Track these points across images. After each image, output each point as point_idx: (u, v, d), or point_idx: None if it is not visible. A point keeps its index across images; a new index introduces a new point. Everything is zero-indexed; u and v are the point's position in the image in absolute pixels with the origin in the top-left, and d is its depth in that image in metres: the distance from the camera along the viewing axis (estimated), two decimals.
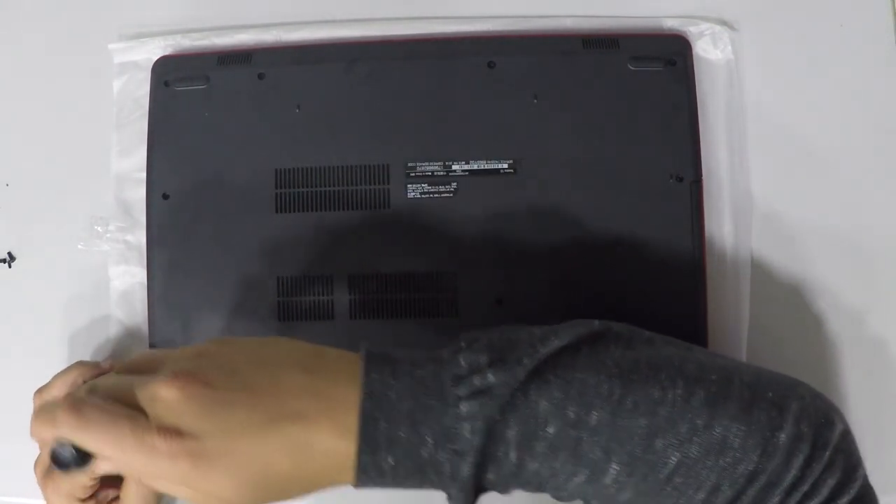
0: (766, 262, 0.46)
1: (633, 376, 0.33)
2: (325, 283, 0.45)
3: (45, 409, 0.34)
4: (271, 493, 0.33)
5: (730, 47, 0.46)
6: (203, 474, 0.32)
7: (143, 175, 0.46)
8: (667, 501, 0.33)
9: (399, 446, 0.32)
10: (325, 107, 0.46)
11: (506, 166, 0.45)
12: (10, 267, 0.48)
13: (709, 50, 0.47)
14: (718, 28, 0.46)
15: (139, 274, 0.46)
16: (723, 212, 0.45)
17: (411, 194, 0.45)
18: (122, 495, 0.38)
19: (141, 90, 0.48)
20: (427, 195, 0.45)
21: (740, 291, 0.45)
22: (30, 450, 0.39)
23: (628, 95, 0.45)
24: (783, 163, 0.46)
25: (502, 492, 0.35)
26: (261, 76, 0.46)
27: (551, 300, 0.44)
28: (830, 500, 0.33)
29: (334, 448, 0.32)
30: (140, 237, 0.47)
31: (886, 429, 0.45)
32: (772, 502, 0.33)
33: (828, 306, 0.45)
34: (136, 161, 0.47)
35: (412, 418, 0.32)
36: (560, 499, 0.35)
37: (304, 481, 0.33)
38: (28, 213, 0.49)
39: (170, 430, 0.31)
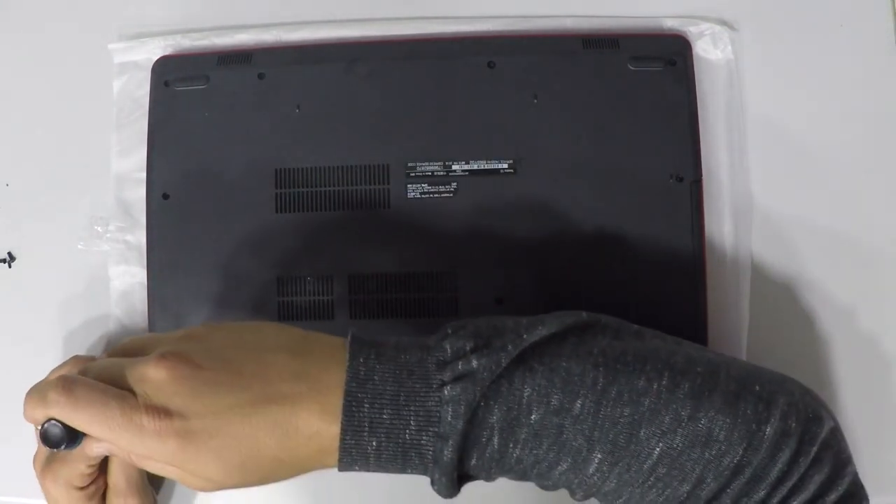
0: (766, 262, 0.46)
1: (618, 366, 0.34)
2: (325, 283, 0.45)
3: (36, 390, 0.35)
4: (258, 474, 0.33)
5: (730, 47, 0.46)
6: (190, 454, 0.32)
7: (143, 175, 0.46)
8: (651, 493, 0.33)
9: (382, 428, 0.32)
10: (325, 107, 0.46)
11: (506, 166, 0.45)
12: (10, 267, 0.48)
13: (709, 50, 0.47)
14: (718, 28, 0.46)
15: (139, 274, 0.46)
16: (723, 212, 0.45)
17: (411, 194, 0.45)
18: (108, 474, 0.38)
19: (141, 90, 0.48)
20: (427, 195, 0.45)
21: (740, 291, 0.45)
22: (30, 450, 0.39)
23: (628, 95, 0.45)
24: (783, 163, 0.46)
25: (486, 479, 0.35)
26: (261, 76, 0.46)
27: (551, 300, 0.44)
28: (818, 497, 0.33)
29: (319, 430, 0.32)
30: (140, 237, 0.47)
31: (886, 428, 0.45)
32: (757, 496, 0.32)
33: (827, 306, 0.45)
34: (136, 161, 0.47)
35: (396, 401, 0.32)
36: (545, 487, 0.35)
37: (290, 463, 0.33)
38: (28, 213, 0.49)
39: (158, 410, 0.32)
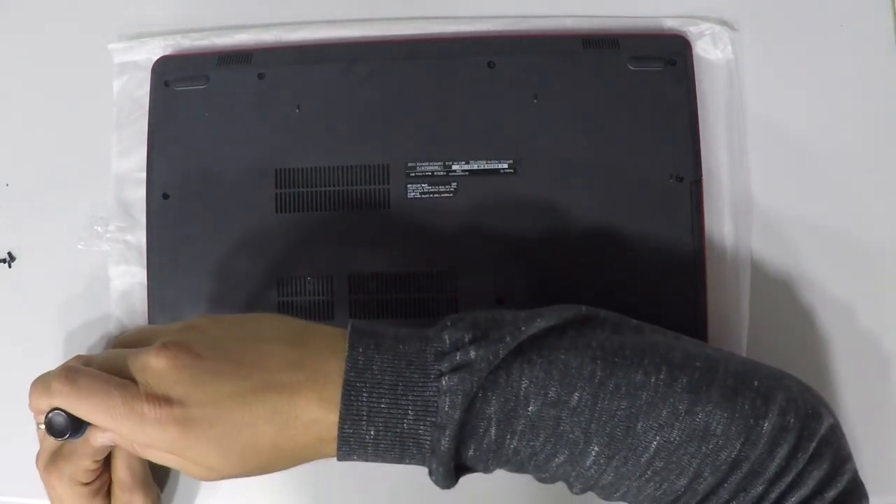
0: (765, 262, 0.46)
1: (616, 360, 0.34)
2: (325, 283, 0.45)
3: (41, 380, 0.35)
4: (257, 462, 0.34)
5: (730, 47, 0.46)
6: (190, 441, 0.32)
7: (143, 175, 0.46)
8: (649, 486, 0.33)
9: (380, 417, 0.33)
10: (325, 107, 0.46)
11: (506, 166, 0.45)
12: (10, 267, 0.48)
13: (709, 50, 0.47)
14: (718, 28, 0.46)
15: (139, 274, 0.46)
16: (723, 212, 0.45)
17: (411, 194, 0.45)
18: (112, 470, 0.38)
19: (141, 90, 0.48)
20: (427, 195, 0.45)
21: (740, 291, 0.45)
22: (30, 450, 0.39)
23: (628, 95, 0.45)
24: (783, 163, 0.46)
25: (484, 470, 0.35)
26: (261, 76, 0.46)
27: (551, 300, 0.43)
28: (817, 493, 0.33)
29: (318, 418, 0.33)
30: (140, 237, 0.47)
31: (886, 426, 0.45)
32: (755, 491, 0.33)
33: (827, 305, 0.45)
34: (136, 161, 0.47)
35: (394, 391, 0.33)
36: (542, 480, 0.36)
37: (289, 451, 0.34)
38: (28, 213, 0.49)
39: (158, 398, 0.32)
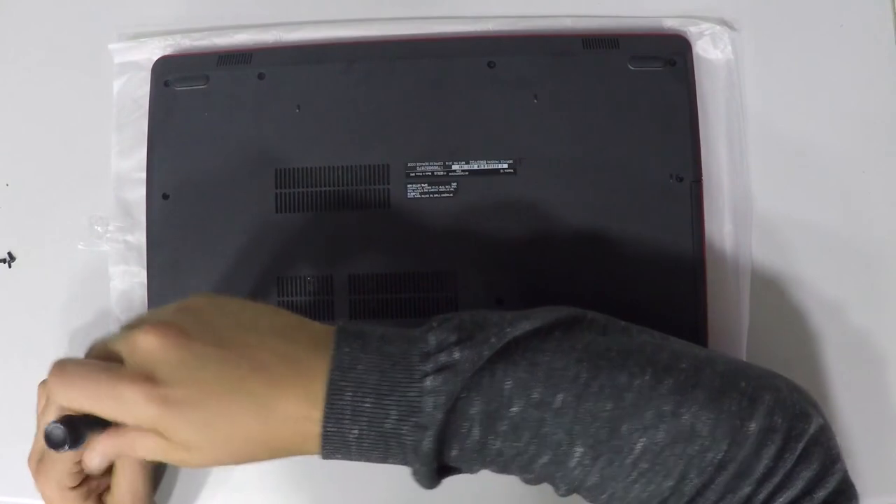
0: (765, 262, 0.46)
1: (601, 362, 0.34)
2: (325, 283, 0.45)
3: (42, 382, 0.36)
4: (236, 451, 0.34)
5: (730, 47, 0.46)
6: (171, 421, 0.33)
7: (143, 175, 0.46)
8: (635, 488, 0.33)
9: (364, 417, 0.33)
10: (325, 107, 0.46)
11: (506, 166, 0.45)
12: (10, 267, 0.48)
13: (709, 50, 0.47)
14: (718, 28, 0.46)
15: (139, 274, 0.46)
16: (723, 212, 0.45)
17: (411, 194, 0.45)
18: (112, 483, 0.38)
19: (141, 90, 0.48)
20: (427, 195, 0.45)
21: (740, 291, 0.45)
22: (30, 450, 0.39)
23: (628, 95, 0.45)
24: (783, 163, 0.46)
25: (468, 470, 0.35)
26: (261, 76, 0.46)
27: (551, 299, 0.44)
28: (806, 493, 0.33)
29: (301, 414, 0.33)
30: (140, 237, 0.47)
31: (886, 427, 0.45)
32: (742, 492, 0.32)
33: (827, 305, 0.45)
34: (136, 161, 0.47)
35: (378, 391, 0.33)
36: (528, 481, 0.36)
37: (269, 445, 0.34)
38: (28, 213, 0.49)
39: (143, 376, 0.33)
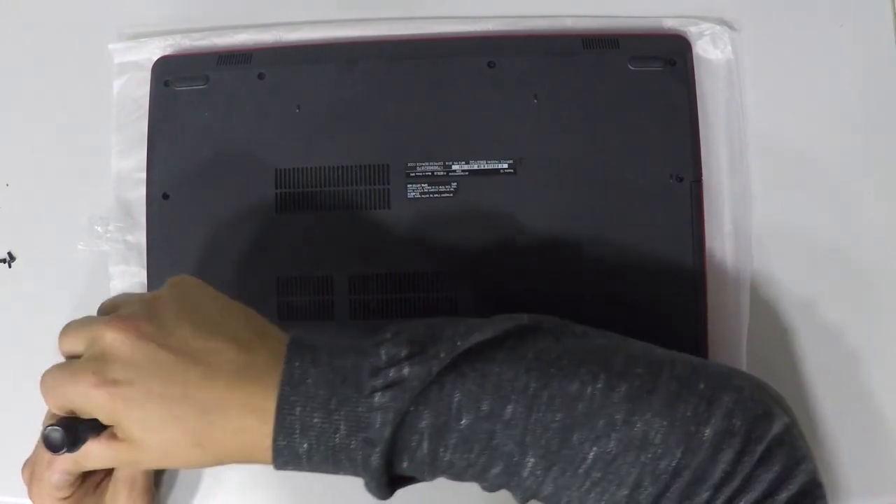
0: (765, 262, 0.46)
1: (552, 370, 0.34)
2: (325, 283, 0.45)
3: None
4: (188, 456, 0.34)
5: (730, 47, 0.46)
6: (120, 412, 0.33)
7: (143, 175, 0.46)
8: (590, 497, 0.33)
9: (313, 432, 0.33)
10: (325, 107, 0.46)
11: (506, 166, 0.45)
12: (10, 267, 0.48)
13: (709, 50, 0.47)
14: (718, 28, 0.46)
15: (139, 274, 0.46)
16: (723, 212, 0.45)
17: (411, 194, 0.45)
18: (111, 482, 0.39)
19: (141, 90, 0.48)
20: (427, 195, 0.45)
21: (740, 291, 0.45)
22: (30, 450, 0.39)
23: (628, 95, 0.45)
24: (783, 163, 0.46)
25: (423, 479, 0.35)
26: (261, 76, 0.46)
27: (551, 299, 0.44)
28: (767, 496, 0.32)
29: (250, 427, 0.33)
30: (140, 237, 0.47)
31: (881, 431, 0.45)
32: (700, 498, 0.32)
33: (828, 305, 0.45)
34: (136, 161, 0.47)
35: (327, 406, 0.33)
36: (484, 488, 0.36)
37: (215, 452, 0.34)
38: (28, 213, 0.49)
39: (97, 366, 0.33)
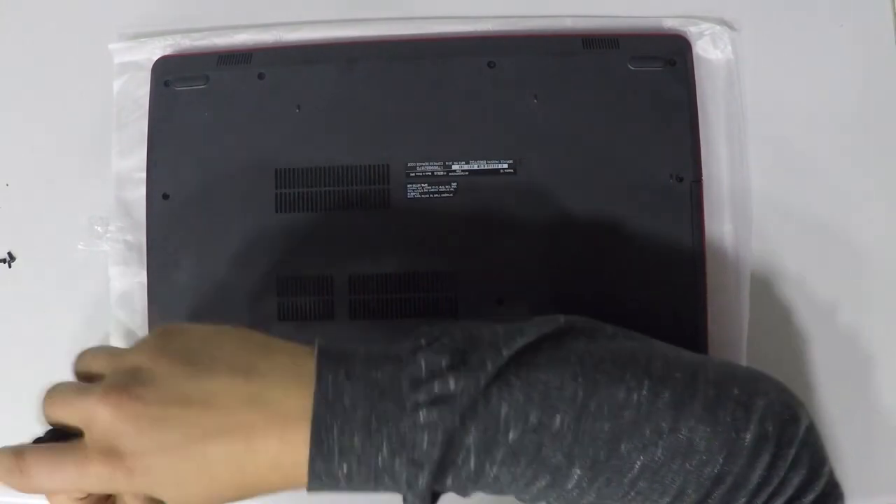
0: (765, 262, 0.46)
1: (597, 376, 0.33)
2: (325, 283, 0.45)
3: None
4: (223, 497, 0.32)
5: (730, 47, 0.46)
6: (149, 485, 0.31)
7: (143, 175, 0.46)
8: None
9: (353, 454, 0.31)
10: (325, 107, 0.46)
11: (506, 166, 0.45)
12: (10, 267, 0.48)
13: (709, 50, 0.47)
14: (718, 28, 0.46)
15: (139, 274, 0.46)
16: (723, 212, 0.45)
17: (411, 194, 0.45)
18: None
19: (141, 90, 0.48)
20: (427, 195, 0.45)
21: (740, 291, 0.45)
22: None
23: (628, 95, 0.45)
24: (783, 163, 0.46)
25: (462, 494, 0.34)
26: (261, 76, 0.46)
27: (552, 300, 0.44)
28: (796, 498, 0.32)
29: (283, 458, 0.31)
30: (140, 237, 0.47)
31: (883, 428, 0.45)
32: (738, 503, 0.32)
33: (828, 304, 0.45)
34: (136, 161, 0.47)
35: (367, 426, 0.31)
36: (522, 501, 0.35)
37: (254, 489, 0.32)
38: (28, 213, 0.49)
39: (107, 453, 0.31)
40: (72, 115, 0.49)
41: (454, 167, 0.45)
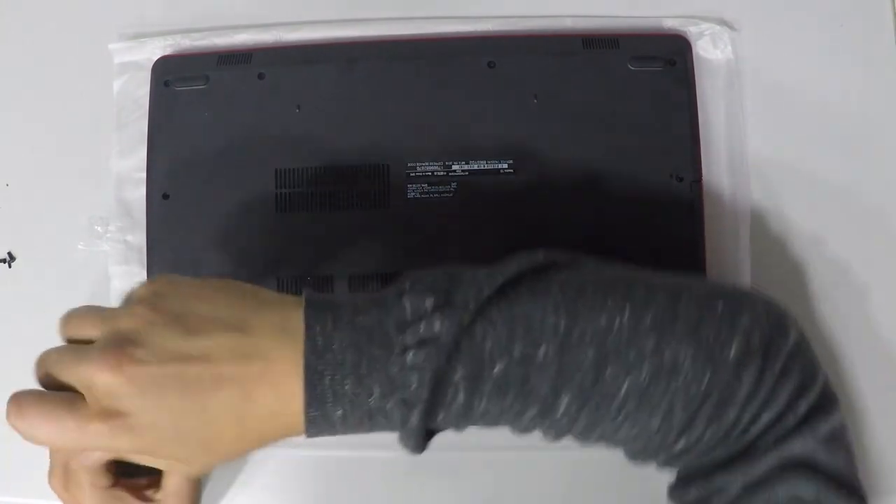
0: (765, 263, 0.46)
1: (578, 305, 0.33)
2: (325, 283, 0.45)
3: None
4: (227, 452, 0.34)
5: (730, 47, 0.46)
6: (151, 445, 0.32)
7: (143, 175, 0.46)
8: (623, 428, 0.33)
9: (346, 399, 0.32)
10: (325, 107, 0.46)
11: (506, 166, 0.45)
12: (10, 267, 0.48)
13: (709, 50, 0.47)
14: (718, 28, 0.46)
15: (139, 274, 0.46)
16: (723, 211, 0.45)
17: (411, 194, 0.45)
18: (161, 495, 0.37)
19: (141, 90, 0.48)
20: (427, 195, 0.45)
21: None
22: (30, 450, 0.39)
23: (628, 95, 0.45)
24: (783, 162, 0.46)
25: (456, 430, 0.35)
26: (261, 76, 0.46)
27: None
28: (787, 408, 0.33)
29: (279, 407, 0.32)
30: (140, 237, 0.47)
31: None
32: (728, 418, 0.32)
33: (828, 304, 0.45)
34: (136, 161, 0.47)
35: (357, 371, 0.32)
36: (516, 432, 0.35)
37: (254, 439, 0.33)
38: (28, 213, 0.49)
39: (108, 413, 0.32)
40: (72, 115, 0.49)
41: (454, 167, 0.45)
